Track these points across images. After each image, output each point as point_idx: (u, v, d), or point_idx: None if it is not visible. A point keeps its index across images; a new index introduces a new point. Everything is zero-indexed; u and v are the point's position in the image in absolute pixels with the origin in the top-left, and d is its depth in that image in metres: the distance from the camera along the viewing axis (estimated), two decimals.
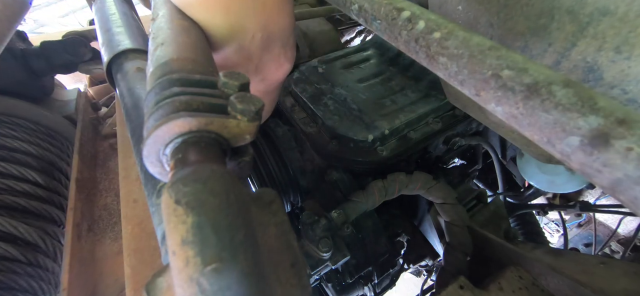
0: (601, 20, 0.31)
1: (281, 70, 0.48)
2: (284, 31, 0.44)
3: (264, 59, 0.44)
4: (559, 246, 1.20)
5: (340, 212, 0.56)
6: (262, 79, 0.48)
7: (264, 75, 0.47)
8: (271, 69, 0.47)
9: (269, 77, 0.48)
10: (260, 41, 0.41)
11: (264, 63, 0.45)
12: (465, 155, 0.91)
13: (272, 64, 0.46)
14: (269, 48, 0.43)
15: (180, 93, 0.23)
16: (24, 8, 0.78)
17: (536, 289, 0.43)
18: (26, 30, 1.02)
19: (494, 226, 0.61)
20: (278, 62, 0.46)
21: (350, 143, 0.64)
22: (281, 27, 0.43)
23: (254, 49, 0.42)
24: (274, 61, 0.46)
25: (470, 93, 0.24)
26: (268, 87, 0.51)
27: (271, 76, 0.48)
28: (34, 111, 0.94)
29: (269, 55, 0.44)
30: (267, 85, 0.50)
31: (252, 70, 0.45)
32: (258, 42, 0.41)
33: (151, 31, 0.32)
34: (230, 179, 0.18)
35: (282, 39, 0.44)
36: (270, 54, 0.44)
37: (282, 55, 0.46)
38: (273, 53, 0.45)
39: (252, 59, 0.43)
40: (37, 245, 0.76)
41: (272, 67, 0.47)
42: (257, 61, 0.44)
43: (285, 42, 0.45)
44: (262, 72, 0.46)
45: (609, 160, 0.16)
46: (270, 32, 0.42)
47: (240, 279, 0.15)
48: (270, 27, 0.42)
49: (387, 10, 0.31)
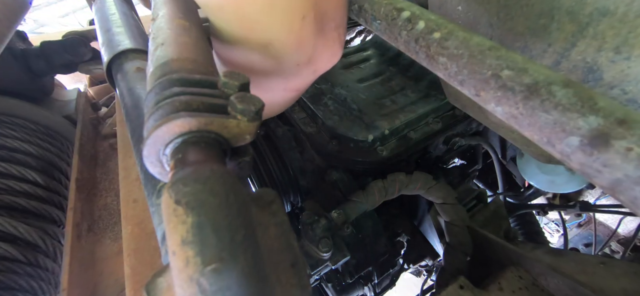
0: (601, 20, 0.31)
1: (335, 57, 0.39)
2: (338, 8, 0.35)
3: (319, 45, 0.36)
4: (559, 246, 1.20)
5: (340, 212, 0.56)
6: (314, 70, 0.39)
7: (317, 66, 0.38)
8: (324, 57, 0.38)
9: (321, 67, 0.39)
10: (312, 22, 0.33)
11: (318, 51, 0.36)
12: (465, 155, 0.91)
13: (326, 51, 0.37)
14: (323, 31, 0.35)
15: (180, 94, 0.23)
16: (24, 8, 0.78)
17: (536, 289, 0.43)
18: (26, 30, 1.02)
19: (494, 226, 0.61)
20: (332, 48, 0.38)
21: (350, 143, 0.64)
22: (335, 3, 0.34)
23: (305, 34, 0.33)
24: (329, 47, 0.37)
25: (470, 94, 0.24)
26: (316, 77, 0.41)
27: (324, 65, 0.39)
28: (34, 111, 0.94)
29: (323, 39, 0.36)
30: (317, 75, 0.41)
31: (304, 60, 0.36)
32: (310, 24, 0.33)
33: (151, 31, 0.32)
34: (230, 179, 0.18)
35: (337, 18, 0.36)
36: (324, 38, 0.36)
37: (337, 39, 0.37)
38: (327, 37, 0.36)
39: (305, 47, 0.35)
40: (37, 245, 0.76)
41: (325, 55, 0.38)
42: (310, 50, 0.35)
43: (339, 22, 0.36)
44: (315, 62, 0.38)
45: (608, 160, 0.16)
46: (324, 10, 0.34)
47: (240, 279, 0.15)
48: (323, 4, 0.33)
49: (387, 10, 0.31)
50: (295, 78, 0.38)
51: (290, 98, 0.43)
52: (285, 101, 0.43)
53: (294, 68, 0.36)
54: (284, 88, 0.39)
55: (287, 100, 0.43)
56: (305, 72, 0.38)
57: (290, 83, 0.38)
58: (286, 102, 0.44)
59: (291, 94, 0.41)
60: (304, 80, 0.40)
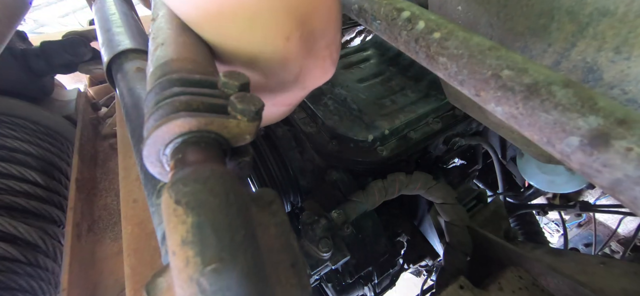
0: (601, 20, 0.31)
1: (326, 75, 0.37)
2: (329, 25, 0.32)
3: (308, 64, 0.33)
4: (559, 246, 1.20)
5: (340, 212, 0.56)
6: (303, 87, 0.37)
7: (306, 84, 0.36)
8: (315, 76, 0.36)
9: (311, 85, 0.37)
10: (298, 42, 0.30)
11: (307, 70, 0.34)
12: (465, 155, 0.91)
13: (316, 70, 0.35)
14: (312, 50, 0.32)
15: (180, 94, 0.23)
16: (24, 8, 0.78)
17: (536, 289, 0.43)
18: (26, 30, 1.03)
19: (494, 226, 0.61)
20: (323, 66, 0.35)
21: (350, 143, 0.64)
22: (325, 20, 0.32)
23: (290, 54, 0.31)
24: (319, 67, 0.35)
25: (470, 94, 0.24)
26: (306, 93, 0.40)
27: (314, 83, 0.37)
28: (34, 111, 0.94)
29: (311, 59, 0.33)
30: (307, 91, 0.39)
31: (291, 80, 0.34)
32: (295, 44, 0.30)
33: (151, 31, 0.32)
34: (230, 179, 0.18)
35: (327, 36, 0.33)
36: (313, 57, 0.33)
37: (328, 57, 0.35)
38: (317, 56, 0.33)
39: (290, 67, 0.32)
40: (37, 245, 0.76)
41: (315, 74, 0.35)
42: (296, 69, 0.33)
43: (330, 41, 0.33)
44: (303, 80, 0.35)
45: (608, 160, 0.16)
46: (312, 28, 0.31)
47: (240, 279, 0.15)
48: (311, 22, 0.30)
49: (387, 10, 0.31)
50: (284, 95, 0.37)
51: (282, 112, 0.42)
52: (277, 115, 0.42)
53: (281, 85, 0.34)
54: (273, 103, 0.37)
55: (279, 113, 0.42)
56: (294, 89, 0.36)
57: (278, 98, 0.37)
58: (279, 115, 0.42)
59: (282, 108, 0.40)
60: (294, 96, 0.38)
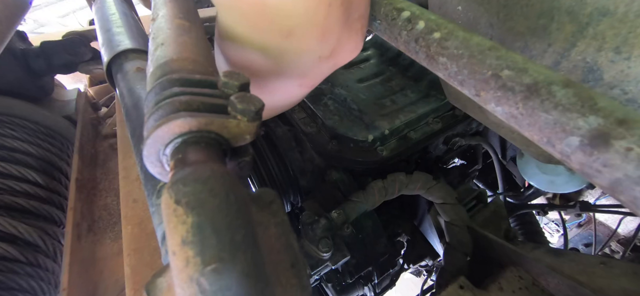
0: (601, 20, 0.31)
1: (356, 50, 0.37)
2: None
3: (343, 37, 0.33)
4: (559, 246, 1.20)
5: (340, 212, 0.56)
6: (334, 64, 0.36)
7: (337, 59, 0.36)
8: (346, 50, 0.35)
9: (341, 61, 0.37)
10: (339, 9, 0.30)
11: (342, 43, 0.34)
12: (465, 155, 0.91)
13: (349, 43, 0.35)
14: (348, 21, 0.32)
15: (180, 94, 0.23)
16: (24, 8, 0.78)
17: (536, 289, 0.43)
18: (26, 30, 1.02)
19: (494, 227, 0.61)
20: (355, 40, 0.35)
21: (350, 143, 0.64)
22: None
23: (331, 22, 0.31)
24: (352, 39, 0.34)
25: (470, 94, 0.24)
26: (331, 72, 0.39)
27: (343, 59, 0.36)
28: (34, 111, 0.94)
29: (347, 30, 0.33)
30: (334, 70, 0.38)
31: (326, 53, 0.34)
32: (337, 12, 0.30)
33: (151, 31, 0.32)
34: (230, 179, 0.18)
35: (361, 7, 0.33)
36: (348, 28, 0.33)
37: (359, 30, 0.35)
38: (351, 28, 0.33)
39: (328, 37, 0.32)
40: (37, 245, 0.76)
41: (348, 48, 0.35)
42: (333, 41, 0.33)
43: (363, 12, 0.34)
44: (336, 55, 0.35)
45: (608, 160, 0.16)
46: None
47: (240, 279, 0.15)
48: None
49: (387, 10, 0.31)
50: (313, 73, 0.36)
51: (302, 95, 0.40)
52: (297, 98, 0.40)
53: (315, 62, 0.34)
54: (299, 84, 0.36)
55: (299, 97, 0.40)
56: (325, 66, 0.36)
57: (307, 78, 0.36)
58: (297, 99, 0.40)
59: (304, 91, 0.38)
60: (322, 75, 0.38)
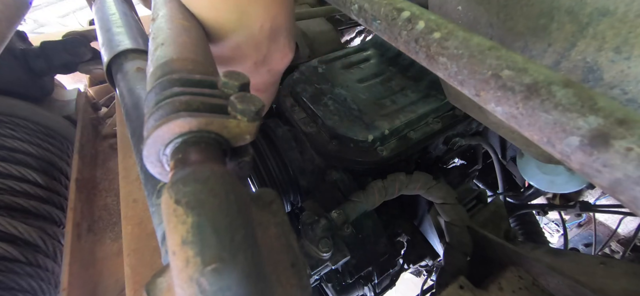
0: (601, 20, 0.31)
1: (285, 59, 0.51)
2: (288, 21, 0.47)
3: (271, 48, 0.47)
4: (559, 246, 1.20)
5: (340, 212, 0.56)
6: (269, 70, 0.51)
7: (270, 66, 0.50)
8: (277, 59, 0.50)
9: (274, 67, 0.51)
10: (268, 31, 0.44)
11: (271, 53, 0.48)
12: (465, 155, 0.91)
13: (278, 53, 0.49)
14: (276, 38, 0.46)
15: (180, 94, 0.23)
16: (24, 8, 0.78)
17: (536, 289, 0.43)
18: (26, 30, 1.02)
19: (494, 226, 0.61)
20: (283, 51, 0.50)
21: (350, 143, 0.64)
22: (286, 18, 0.46)
23: (262, 39, 0.44)
24: (280, 51, 0.49)
25: (470, 94, 0.24)
26: (272, 77, 0.55)
27: (276, 65, 0.51)
28: (34, 111, 0.94)
29: (275, 45, 0.47)
30: (272, 75, 0.54)
31: (260, 60, 0.48)
32: (266, 32, 0.44)
33: (151, 31, 0.32)
34: (230, 179, 0.18)
35: (286, 29, 0.47)
36: (276, 43, 0.47)
37: (286, 45, 0.49)
38: (279, 43, 0.48)
39: (261, 48, 0.46)
40: (37, 245, 0.76)
41: (277, 57, 0.50)
42: (265, 51, 0.47)
43: (288, 33, 0.48)
44: (268, 62, 0.49)
45: (608, 160, 0.16)
46: (278, 22, 0.45)
47: (240, 279, 0.15)
48: (278, 18, 0.45)
49: (387, 10, 0.31)
50: (254, 77, 0.47)
51: None
52: None
53: (253, 66, 0.48)
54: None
55: None
56: (262, 70, 0.50)
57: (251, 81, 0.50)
58: None
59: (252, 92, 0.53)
60: (262, 79, 0.52)
